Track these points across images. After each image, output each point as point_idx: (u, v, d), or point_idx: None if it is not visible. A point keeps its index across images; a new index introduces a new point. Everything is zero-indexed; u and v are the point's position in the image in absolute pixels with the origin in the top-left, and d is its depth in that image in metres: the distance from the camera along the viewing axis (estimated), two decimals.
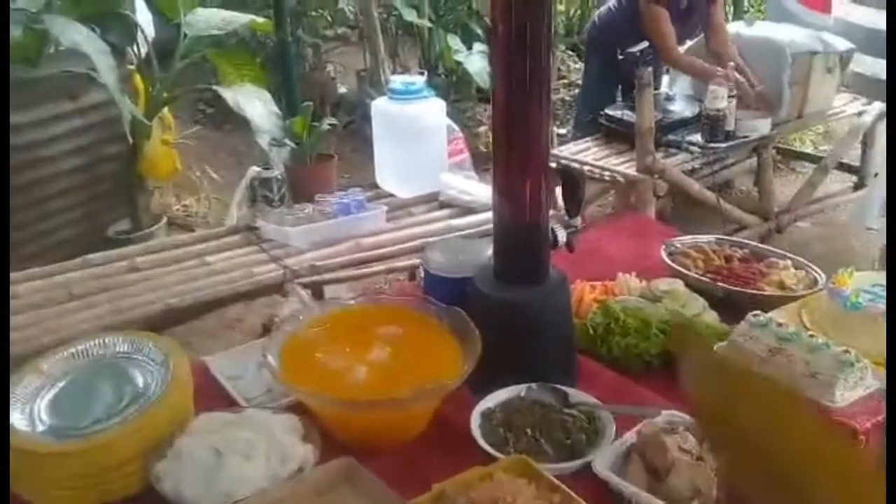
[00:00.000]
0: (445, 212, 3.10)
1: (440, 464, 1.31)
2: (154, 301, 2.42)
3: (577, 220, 1.55)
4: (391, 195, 3.27)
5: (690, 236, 2.14)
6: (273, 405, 1.45)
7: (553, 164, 1.48)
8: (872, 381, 1.39)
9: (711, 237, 2.15)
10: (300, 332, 1.47)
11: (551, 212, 1.52)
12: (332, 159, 3.48)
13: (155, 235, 4.11)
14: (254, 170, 3.05)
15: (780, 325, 1.48)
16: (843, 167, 4.81)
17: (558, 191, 1.61)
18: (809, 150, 5.62)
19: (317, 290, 3.29)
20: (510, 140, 1.41)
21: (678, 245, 2.08)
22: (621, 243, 2.31)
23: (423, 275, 1.67)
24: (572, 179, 1.49)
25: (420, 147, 3.17)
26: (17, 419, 1.28)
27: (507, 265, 1.48)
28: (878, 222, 3.52)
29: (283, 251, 2.79)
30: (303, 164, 3.37)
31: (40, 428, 1.29)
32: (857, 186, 4.73)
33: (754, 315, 1.52)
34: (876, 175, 4.33)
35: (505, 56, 1.36)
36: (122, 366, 1.40)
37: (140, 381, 1.37)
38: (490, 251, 1.66)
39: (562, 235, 1.51)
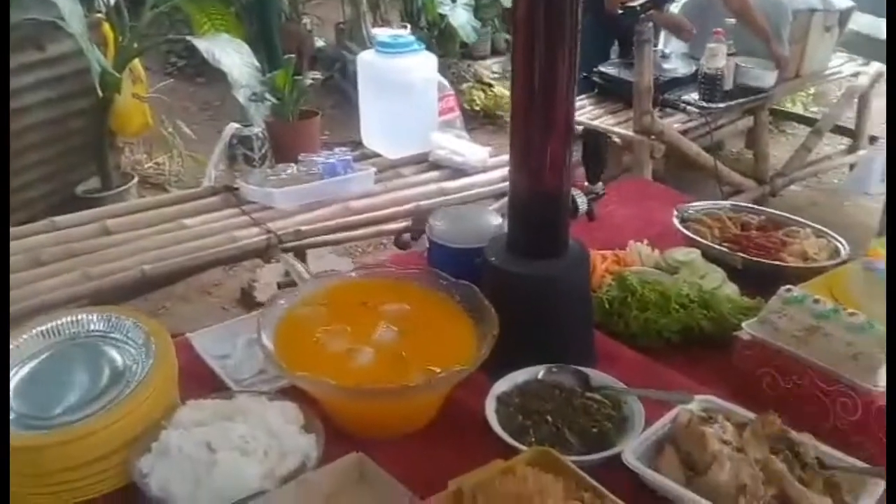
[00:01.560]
0: (436, 174, 2.96)
1: (453, 454, 1.19)
2: (129, 267, 2.26)
3: (599, 186, 1.42)
4: (377, 155, 3.12)
5: (703, 202, 2.03)
6: (267, 388, 1.32)
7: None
8: None
9: (726, 203, 2.04)
10: (296, 308, 1.34)
11: None
12: (316, 116, 3.31)
13: (126, 195, 3.94)
14: (232, 126, 2.87)
15: (816, 301, 1.36)
16: (836, 129, 4.71)
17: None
18: (800, 111, 5.52)
19: (300, 255, 3.15)
20: (531, 99, 1.27)
21: (691, 211, 1.97)
22: (627, 209, 2.18)
23: (427, 245, 1.53)
24: (595, 142, 1.36)
25: (409, 104, 3.02)
26: None
27: (523, 237, 1.35)
28: (880, 188, 3.44)
29: (265, 214, 2.63)
30: (285, 121, 3.19)
31: None
32: (851, 149, 4.64)
33: (787, 290, 1.40)
34: (875, 140, 4.25)
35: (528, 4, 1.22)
36: (99, 346, 1.26)
37: (119, 364, 1.23)
38: (500, 220, 1.55)
39: (582, 203, 1.38)
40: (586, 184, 1.40)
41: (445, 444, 1.24)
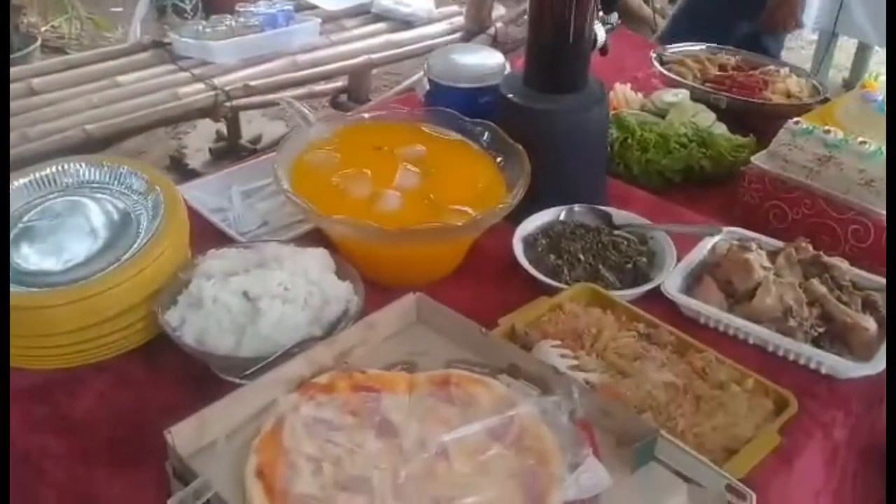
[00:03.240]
0: (382, 25, 2.80)
1: (487, 298, 1.16)
2: (68, 128, 2.07)
3: (614, 17, 1.35)
4: (314, 7, 2.92)
5: (681, 44, 1.99)
6: (276, 239, 1.24)
7: None
8: None
9: (702, 45, 2.01)
10: (306, 154, 1.25)
11: None
12: None
13: (30, 58, 3.60)
14: None
15: (826, 131, 1.36)
16: None
17: None
18: None
19: (234, 117, 2.98)
20: None
21: (669, 54, 1.93)
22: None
23: (426, 88, 1.45)
24: None
25: None
26: None
27: (543, 72, 1.28)
28: (810, 37, 3.50)
29: (206, 70, 2.45)
30: None
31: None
32: None
33: (796, 122, 1.40)
34: None
35: None
36: (96, 197, 1.15)
37: (122, 214, 1.13)
38: (501, 58, 1.47)
39: (601, 36, 1.31)
40: (600, 13, 1.32)
41: (477, 289, 1.20)
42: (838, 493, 1.03)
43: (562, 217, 1.30)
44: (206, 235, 1.26)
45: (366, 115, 1.31)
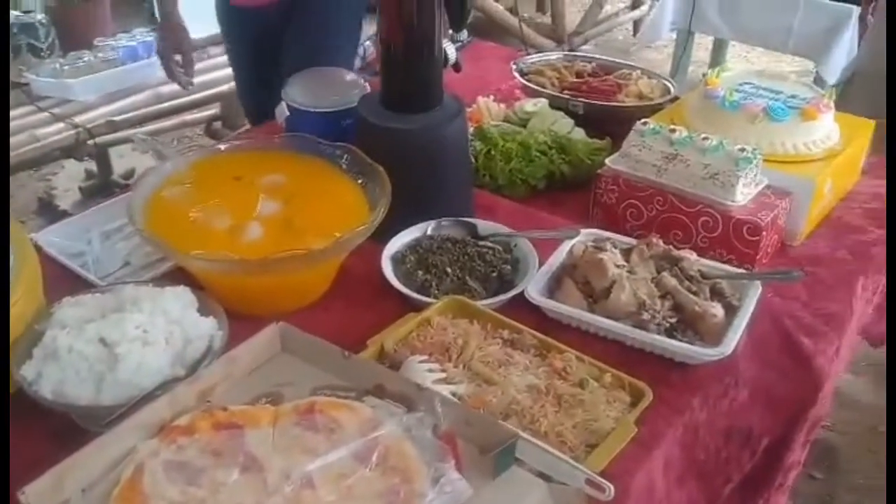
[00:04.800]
0: None
1: (357, 320, 1.17)
2: None
3: (464, 34, 1.39)
4: None
5: (538, 54, 2.06)
6: (135, 280, 1.21)
7: None
8: (762, 177, 1.40)
9: (559, 53, 2.08)
10: (162, 190, 1.23)
11: None
12: None
13: None
14: (11, 14, 2.52)
15: (672, 129, 1.43)
16: None
17: None
18: None
19: (103, 155, 2.89)
20: None
21: (528, 64, 1.99)
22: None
23: (286, 114, 1.45)
24: None
25: None
26: None
27: (397, 91, 1.31)
28: (669, 35, 3.66)
29: (66, 108, 2.37)
30: (69, 4, 2.85)
31: None
32: (635, 5, 4.86)
33: (643, 123, 1.47)
34: None
35: None
36: None
37: None
38: (358, 80, 1.49)
39: (452, 53, 1.34)
40: (450, 31, 1.36)
41: (349, 311, 1.21)
42: (703, 474, 1.09)
43: (429, 232, 1.32)
44: (64, 282, 1.22)
45: (222, 147, 1.30)
